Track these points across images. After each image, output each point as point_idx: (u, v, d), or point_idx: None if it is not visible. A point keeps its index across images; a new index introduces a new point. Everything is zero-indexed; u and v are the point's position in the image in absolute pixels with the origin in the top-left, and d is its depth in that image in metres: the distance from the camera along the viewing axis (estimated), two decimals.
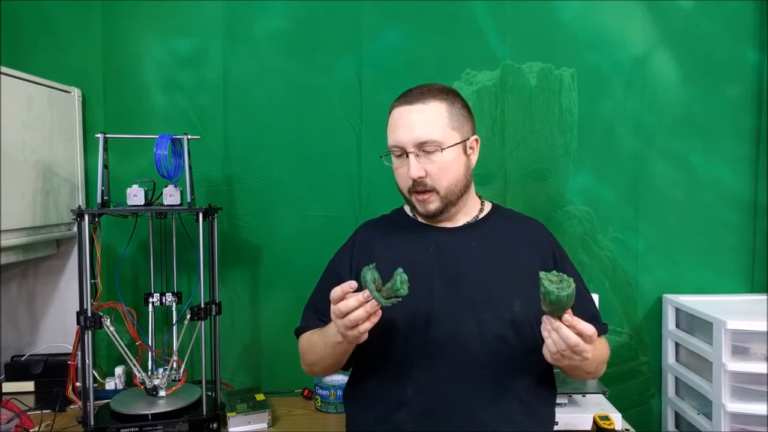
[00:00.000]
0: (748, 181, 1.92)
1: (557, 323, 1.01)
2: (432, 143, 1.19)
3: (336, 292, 1.05)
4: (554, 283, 1.00)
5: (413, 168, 1.19)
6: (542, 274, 1.02)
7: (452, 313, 1.17)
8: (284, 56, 1.89)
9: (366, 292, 1.03)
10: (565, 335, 1.01)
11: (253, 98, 1.89)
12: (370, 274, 1.04)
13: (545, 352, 1.07)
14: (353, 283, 1.04)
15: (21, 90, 1.60)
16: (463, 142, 1.24)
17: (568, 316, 1.01)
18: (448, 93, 1.25)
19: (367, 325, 1.05)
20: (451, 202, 1.24)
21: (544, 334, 1.04)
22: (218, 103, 1.89)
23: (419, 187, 1.21)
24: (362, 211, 1.89)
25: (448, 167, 1.21)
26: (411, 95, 1.23)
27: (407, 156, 1.20)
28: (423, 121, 1.20)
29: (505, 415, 1.16)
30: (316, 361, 1.26)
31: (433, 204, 1.22)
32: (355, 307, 1.03)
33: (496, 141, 1.90)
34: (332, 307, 1.06)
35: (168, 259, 1.72)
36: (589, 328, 1.02)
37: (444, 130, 1.21)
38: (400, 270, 1.04)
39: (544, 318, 1.03)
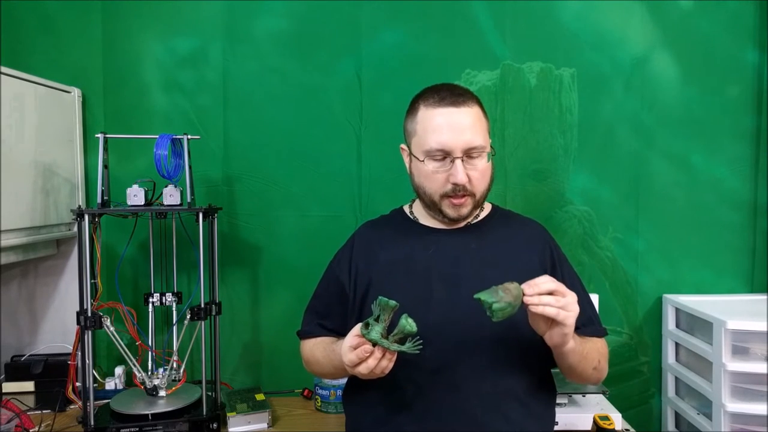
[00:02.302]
0: (748, 181, 1.92)
1: (533, 290, 1.02)
2: (479, 149, 1.18)
3: (351, 359, 1.05)
4: (491, 296, 1.01)
5: (461, 174, 1.17)
6: (478, 296, 1.03)
7: (452, 314, 1.17)
8: (284, 56, 1.89)
9: (381, 347, 1.03)
10: (545, 289, 1.02)
11: (253, 98, 1.89)
12: (374, 332, 1.03)
13: (552, 334, 1.06)
14: (368, 348, 1.04)
15: (21, 90, 1.60)
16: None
17: (525, 285, 1.03)
18: (476, 95, 1.25)
19: (390, 366, 1.06)
20: (478, 206, 1.25)
21: (539, 311, 1.02)
22: (218, 103, 1.89)
23: (460, 191, 1.19)
24: (362, 211, 1.89)
25: (486, 173, 1.22)
26: (451, 97, 1.19)
27: (451, 161, 1.17)
28: (471, 126, 1.18)
29: (505, 416, 1.15)
30: (324, 373, 1.31)
31: (467, 208, 1.22)
32: (376, 364, 1.04)
33: (496, 141, 1.89)
34: (351, 369, 1.07)
35: (168, 259, 1.72)
36: (543, 277, 1.04)
37: (485, 135, 1.21)
38: (382, 300, 1.03)
39: (527, 301, 1.02)
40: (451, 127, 1.17)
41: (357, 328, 1.06)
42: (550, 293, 1.03)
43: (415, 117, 1.23)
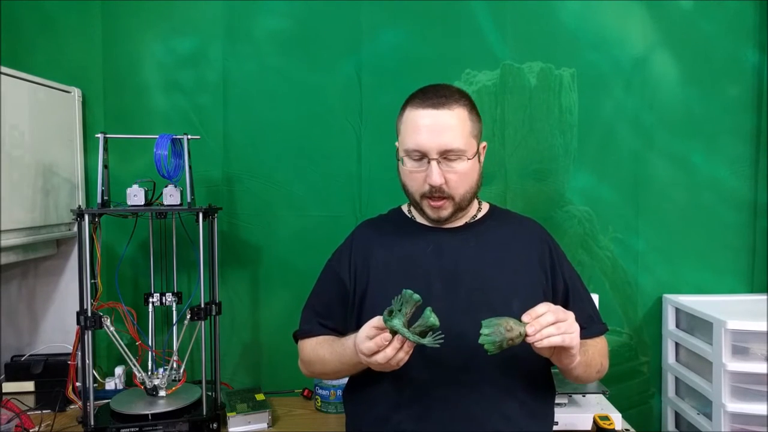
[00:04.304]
0: (748, 181, 1.92)
1: (536, 325, 1.01)
2: (457, 152, 1.17)
3: (369, 347, 1.04)
4: (495, 335, 1.01)
5: (435, 176, 1.16)
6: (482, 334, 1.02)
7: (451, 314, 1.16)
8: (284, 56, 1.89)
9: (400, 338, 1.02)
10: (545, 321, 1.01)
11: (253, 98, 1.89)
12: (397, 320, 1.01)
13: (559, 360, 1.08)
14: (387, 336, 1.03)
15: (21, 90, 1.60)
16: (478, 147, 1.23)
17: (525, 316, 1.02)
18: (466, 97, 1.22)
19: (406, 359, 1.05)
20: (461, 208, 1.24)
21: (545, 344, 1.02)
22: (218, 103, 1.89)
23: (436, 193, 1.19)
24: (362, 211, 1.89)
25: (467, 176, 1.20)
26: (434, 98, 1.18)
27: (428, 162, 1.17)
28: (450, 129, 1.16)
29: (504, 416, 1.16)
30: (329, 372, 1.28)
31: (447, 210, 1.22)
32: (394, 355, 1.03)
33: (496, 141, 1.90)
34: (367, 359, 1.05)
35: (168, 259, 1.72)
36: (541, 306, 1.03)
37: (467, 139, 1.19)
38: (406, 293, 1.02)
39: (530, 340, 1.02)
40: (429, 129, 1.17)
41: (375, 320, 1.05)
42: (552, 323, 1.01)
43: (401, 117, 1.24)
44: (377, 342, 1.03)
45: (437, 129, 1.16)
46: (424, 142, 1.16)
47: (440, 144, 1.16)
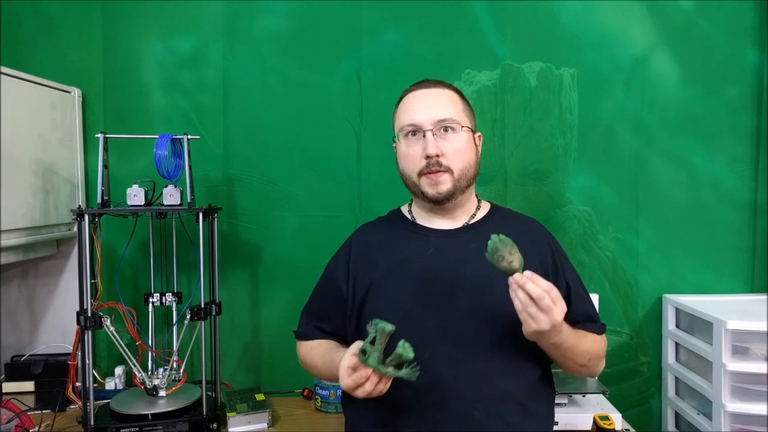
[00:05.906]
0: (748, 181, 1.92)
1: (523, 280, 1.01)
2: (451, 121, 1.22)
3: (348, 385, 1.05)
4: (498, 247, 1.04)
5: (431, 145, 1.19)
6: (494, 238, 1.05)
7: (452, 316, 1.17)
8: (284, 56, 1.89)
9: (377, 374, 1.03)
10: (529, 289, 1.01)
11: (253, 98, 1.89)
12: (372, 359, 1.02)
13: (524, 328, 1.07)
14: (364, 374, 1.03)
15: (21, 90, 1.61)
16: (473, 131, 1.28)
17: (528, 273, 1.03)
18: (455, 87, 1.31)
19: (387, 387, 1.06)
20: (460, 188, 1.23)
21: (512, 295, 1.03)
22: (218, 103, 1.89)
23: (433, 166, 1.20)
24: (362, 211, 1.89)
25: (463, 148, 1.23)
26: (425, 82, 1.28)
27: (424, 136, 1.21)
28: (441, 102, 1.24)
29: (504, 418, 1.15)
30: (322, 377, 1.34)
31: (446, 185, 1.21)
32: (373, 389, 1.04)
33: (496, 141, 1.90)
34: (350, 392, 1.06)
35: (168, 259, 1.72)
36: (545, 282, 1.02)
37: (460, 113, 1.25)
38: (379, 325, 1.03)
39: (510, 280, 1.03)
40: (422, 104, 1.24)
41: (355, 347, 1.06)
42: (536, 299, 1.01)
43: (396, 109, 1.30)
44: (355, 380, 1.04)
45: (429, 103, 1.24)
46: (418, 116, 1.22)
47: (434, 115, 1.21)
